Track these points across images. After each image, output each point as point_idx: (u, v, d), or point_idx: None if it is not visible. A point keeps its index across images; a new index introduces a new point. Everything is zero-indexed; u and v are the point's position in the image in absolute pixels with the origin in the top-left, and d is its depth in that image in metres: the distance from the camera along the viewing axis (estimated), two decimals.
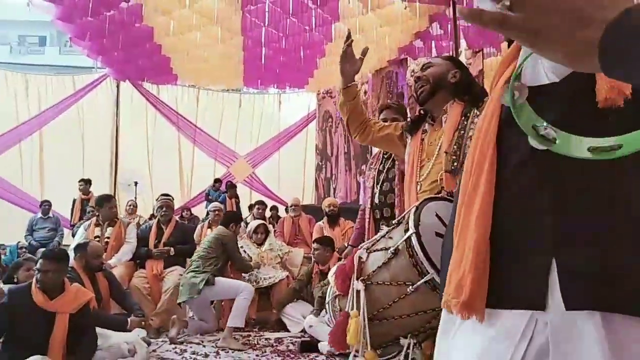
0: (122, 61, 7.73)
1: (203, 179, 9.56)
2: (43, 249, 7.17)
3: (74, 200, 7.93)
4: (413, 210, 1.42)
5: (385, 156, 2.92)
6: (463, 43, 5.72)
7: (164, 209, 4.94)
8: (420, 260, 1.31)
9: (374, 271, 1.32)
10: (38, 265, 3.01)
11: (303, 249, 5.21)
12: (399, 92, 7.53)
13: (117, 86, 9.08)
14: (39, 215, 7.67)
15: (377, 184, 2.78)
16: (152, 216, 7.67)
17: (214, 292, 4.15)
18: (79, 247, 3.67)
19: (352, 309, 1.33)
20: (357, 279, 1.31)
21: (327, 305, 1.57)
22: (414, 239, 1.32)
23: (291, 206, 6.23)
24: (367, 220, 2.87)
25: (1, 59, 21.24)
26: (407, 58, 7.23)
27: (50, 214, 7.74)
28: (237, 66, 7.62)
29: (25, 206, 8.47)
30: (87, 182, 8.02)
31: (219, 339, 3.85)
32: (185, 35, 6.57)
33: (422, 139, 1.90)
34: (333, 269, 1.52)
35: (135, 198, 8.34)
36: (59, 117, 8.83)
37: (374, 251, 1.38)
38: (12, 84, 8.81)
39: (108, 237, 5.08)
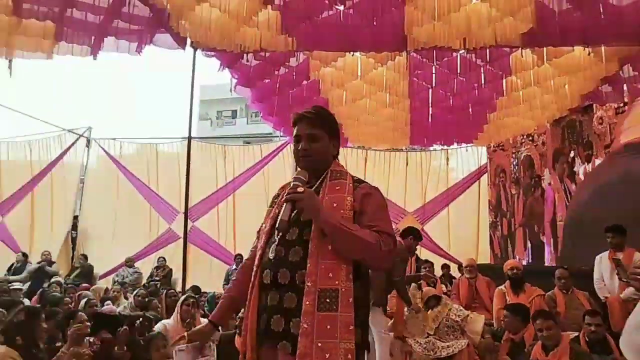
0: None
1: None
2: None
3: None
4: None
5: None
6: None
7: None
8: None
9: None
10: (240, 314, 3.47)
11: (483, 314, 4.86)
12: (585, 141, 6.80)
13: None
14: (234, 267, 8.75)
15: (277, 228, 1.72)
16: None
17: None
18: None
19: None
20: None
21: None
22: None
23: (466, 267, 5.95)
24: (250, 286, 1.75)
25: (204, 133, 25.55)
26: (592, 105, 6.55)
27: None
28: (403, 127, 7.85)
29: (223, 258, 9.75)
30: None
31: None
32: (356, 103, 7.08)
33: None
34: None
35: None
36: (249, 181, 10.15)
37: None
38: (213, 155, 10.50)
39: None
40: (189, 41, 5.08)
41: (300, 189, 1.66)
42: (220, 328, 1.94)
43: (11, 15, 4.00)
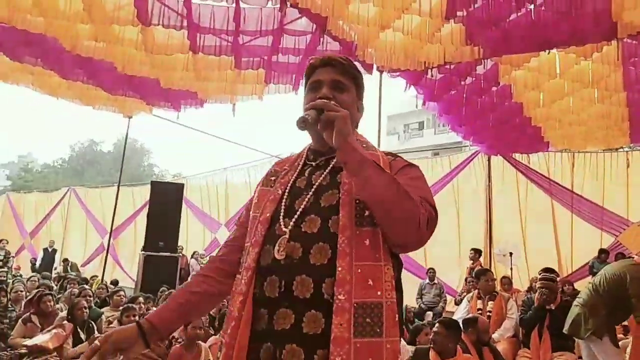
0: (492, 138, 8.21)
1: (584, 250, 8.60)
2: (429, 312, 8.14)
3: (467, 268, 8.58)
4: None
5: (312, 160, 1.34)
6: None
7: (544, 290, 4.71)
8: None
9: None
10: (435, 328, 3.52)
11: None
12: None
13: (489, 160, 9.59)
14: (427, 281, 8.73)
15: (285, 215, 1.22)
16: (530, 289, 7.44)
17: None
18: (469, 322, 3.97)
19: None
20: None
21: None
22: None
23: None
24: (238, 301, 1.18)
25: (392, 147, 26.18)
26: None
27: (436, 281, 8.68)
28: (620, 124, 6.77)
29: (415, 272, 9.81)
30: (476, 252, 8.65)
31: None
32: (556, 104, 6.43)
33: None
34: None
35: (511, 269, 8.34)
36: (438, 193, 10.00)
37: None
38: None
39: (489, 311, 5.28)
40: (374, 66, 5.37)
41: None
42: (150, 340, 1.24)
43: (233, 69, 4.89)
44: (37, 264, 12.99)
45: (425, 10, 4.20)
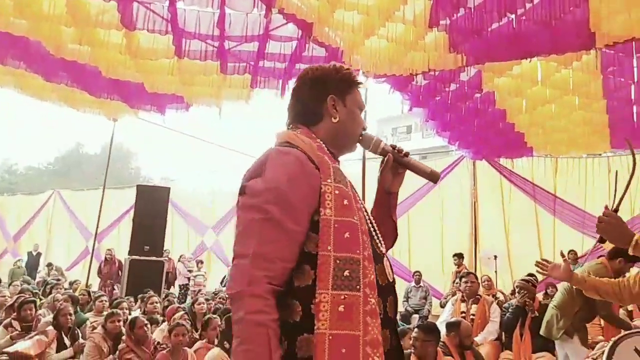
0: (477, 143, 8.32)
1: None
2: (415, 315, 8.21)
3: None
4: None
5: None
6: None
7: (522, 291, 4.81)
8: None
9: None
10: (413, 334, 3.56)
11: None
12: None
13: (474, 165, 9.71)
14: (413, 284, 8.79)
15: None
16: (513, 292, 7.54)
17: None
18: (451, 326, 4.01)
19: None
20: None
21: None
22: None
23: None
24: (377, 324, 1.06)
25: None
26: None
27: (422, 284, 8.75)
28: (601, 130, 6.91)
29: (401, 275, 9.86)
30: (459, 257, 8.76)
31: None
32: (537, 110, 6.54)
33: None
34: None
35: (496, 272, 8.44)
36: (424, 197, 10.07)
37: None
38: None
39: (473, 314, 5.34)
40: (360, 72, 5.42)
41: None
42: None
43: (219, 73, 4.91)
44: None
45: (409, 19, 4.26)
